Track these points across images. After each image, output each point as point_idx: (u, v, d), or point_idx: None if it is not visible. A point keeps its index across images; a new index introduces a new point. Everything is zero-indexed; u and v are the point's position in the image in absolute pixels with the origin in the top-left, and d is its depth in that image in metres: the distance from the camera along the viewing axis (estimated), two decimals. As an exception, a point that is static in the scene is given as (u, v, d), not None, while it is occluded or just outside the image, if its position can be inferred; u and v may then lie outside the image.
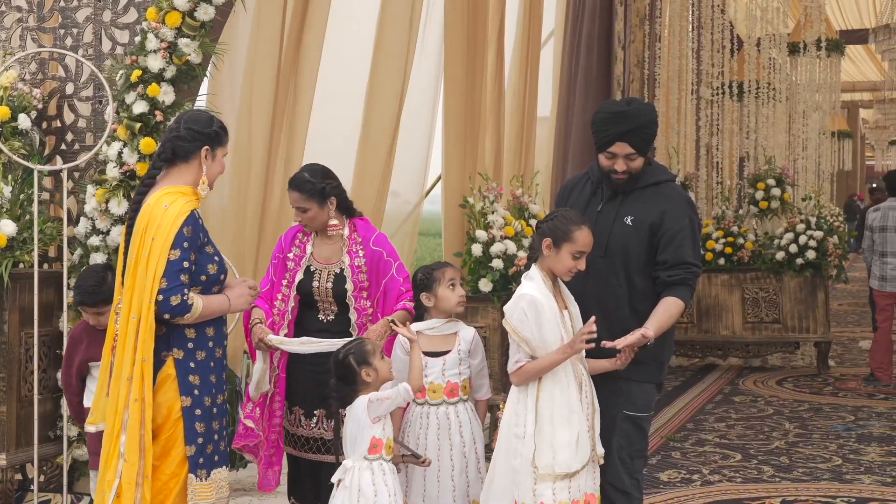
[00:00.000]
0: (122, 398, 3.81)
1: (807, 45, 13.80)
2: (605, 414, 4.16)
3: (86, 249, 5.27)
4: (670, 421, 8.26)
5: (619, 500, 4.24)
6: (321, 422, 4.59)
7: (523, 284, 4.05)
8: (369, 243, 4.65)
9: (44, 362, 5.23)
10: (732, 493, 6.08)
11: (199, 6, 5.17)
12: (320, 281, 4.61)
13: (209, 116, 4.07)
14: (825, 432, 7.79)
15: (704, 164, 12.21)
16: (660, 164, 4.54)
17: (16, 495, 5.25)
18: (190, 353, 3.90)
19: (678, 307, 4.15)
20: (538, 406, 3.96)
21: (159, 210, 3.82)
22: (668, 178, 4.33)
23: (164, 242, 3.78)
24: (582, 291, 4.17)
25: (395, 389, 4.06)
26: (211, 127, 4.00)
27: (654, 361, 4.27)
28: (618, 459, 4.22)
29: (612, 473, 4.22)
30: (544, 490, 3.89)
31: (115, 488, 3.76)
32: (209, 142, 3.97)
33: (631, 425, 4.24)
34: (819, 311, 10.66)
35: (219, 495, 3.95)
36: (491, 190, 7.52)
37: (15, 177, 5.40)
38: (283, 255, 4.69)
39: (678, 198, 4.28)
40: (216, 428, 3.95)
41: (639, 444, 4.30)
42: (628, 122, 4.17)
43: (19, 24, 5.73)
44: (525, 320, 3.95)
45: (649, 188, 4.25)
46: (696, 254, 4.22)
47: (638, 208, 4.21)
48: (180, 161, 3.96)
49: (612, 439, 4.20)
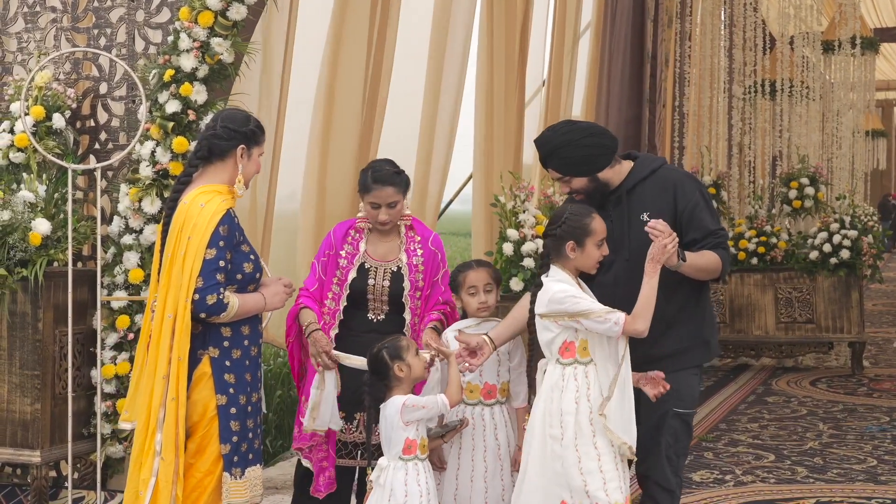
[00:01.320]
0: (157, 396, 3.82)
1: (841, 43, 13.69)
2: (653, 412, 4.10)
3: (119, 248, 5.31)
4: (703, 421, 8.21)
5: (665, 499, 4.18)
6: (361, 425, 4.49)
7: (550, 284, 3.96)
8: (428, 243, 4.55)
9: (77, 360, 5.26)
10: (766, 494, 6.03)
11: (232, 5, 5.19)
12: (376, 279, 4.48)
13: (246, 115, 4.07)
14: (860, 433, 7.72)
15: (737, 163, 12.16)
16: (647, 154, 4.55)
17: (50, 492, 5.29)
18: (226, 351, 3.90)
19: (715, 259, 4.12)
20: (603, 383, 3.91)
21: (195, 209, 3.83)
22: (660, 163, 4.29)
23: (201, 241, 3.79)
24: (612, 300, 4.06)
25: (433, 399, 4.02)
26: (247, 126, 4.00)
27: (698, 340, 4.21)
28: (665, 458, 4.16)
29: (659, 472, 4.16)
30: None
31: (151, 486, 3.77)
32: (245, 140, 3.98)
33: (679, 423, 4.17)
34: (853, 310, 10.57)
35: (253, 493, 3.95)
36: (522, 189, 7.51)
37: (49, 176, 5.44)
38: (335, 252, 4.52)
39: (680, 176, 4.26)
40: (251, 426, 3.96)
41: (684, 442, 4.23)
42: (542, 149, 4.20)
43: (54, 25, 5.78)
44: (573, 295, 3.89)
45: (648, 179, 4.20)
46: (715, 220, 4.22)
47: (648, 202, 4.15)
48: (216, 159, 3.97)
49: (660, 437, 4.14)
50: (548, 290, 3.95)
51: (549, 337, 3.96)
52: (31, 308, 5.10)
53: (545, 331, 3.97)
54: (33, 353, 5.10)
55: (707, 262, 4.10)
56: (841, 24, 13.63)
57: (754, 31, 12.14)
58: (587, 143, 4.14)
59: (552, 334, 3.95)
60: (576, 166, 4.13)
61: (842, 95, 14.55)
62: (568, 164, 4.13)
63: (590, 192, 4.17)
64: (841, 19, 13.65)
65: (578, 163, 4.13)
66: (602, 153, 4.16)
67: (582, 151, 4.12)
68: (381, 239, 4.54)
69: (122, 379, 5.24)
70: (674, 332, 4.13)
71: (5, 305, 5.10)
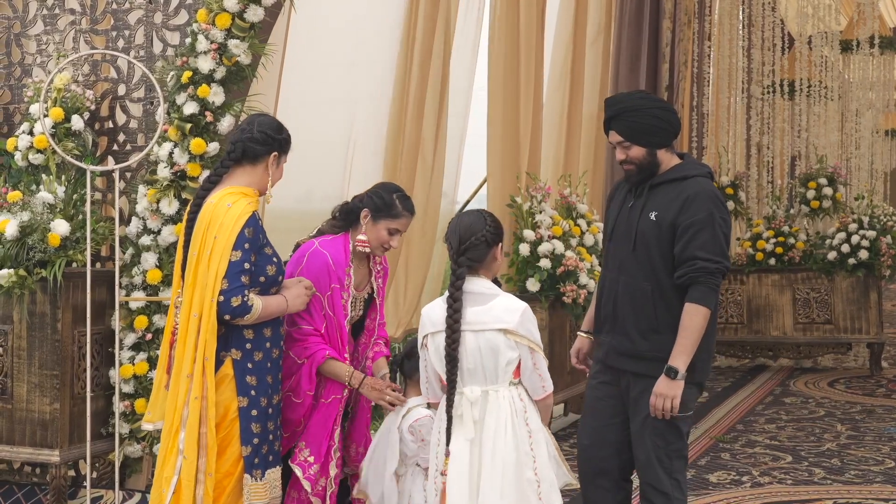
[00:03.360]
0: (181, 395, 3.85)
1: (860, 42, 13.62)
2: (640, 413, 4.12)
3: (137, 249, 5.34)
4: (720, 422, 8.20)
5: (658, 500, 4.14)
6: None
7: (511, 297, 3.86)
8: (383, 261, 4.40)
9: (96, 360, 5.30)
10: (783, 495, 6.02)
11: (249, 7, 5.21)
12: (355, 310, 4.28)
13: (280, 123, 4.11)
14: (878, 434, 7.70)
15: (755, 163, 12.11)
16: (695, 160, 4.42)
17: (69, 491, 5.32)
18: (248, 353, 3.92)
19: (692, 317, 3.98)
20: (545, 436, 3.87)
21: (222, 209, 3.86)
22: (697, 172, 4.16)
23: (227, 242, 3.81)
24: (616, 288, 4.16)
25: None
26: (282, 134, 4.06)
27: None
28: (655, 459, 4.13)
29: (651, 473, 4.14)
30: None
31: (173, 484, 3.80)
32: (279, 148, 4.03)
33: (663, 424, 4.11)
34: (871, 311, 10.54)
35: (273, 495, 3.97)
36: (539, 189, 7.51)
37: (68, 177, 5.47)
38: (340, 286, 4.17)
39: (700, 191, 4.08)
40: (271, 428, 3.98)
41: (676, 444, 4.16)
42: (610, 108, 4.19)
43: (73, 27, 5.81)
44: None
45: (676, 182, 4.13)
46: (712, 248, 3.99)
47: (662, 203, 4.11)
48: (247, 162, 3.99)
49: (646, 439, 4.13)
50: (514, 306, 3.79)
51: (511, 356, 3.78)
52: (51, 308, 5.14)
53: (508, 350, 3.77)
54: (52, 354, 5.13)
55: (689, 330, 3.99)
56: (860, 24, 13.56)
57: (772, 31, 12.10)
58: (657, 114, 4.15)
59: (514, 354, 3.78)
60: (639, 134, 4.13)
61: (860, 95, 14.48)
62: (632, 130, 4.13)
63: (642, 167, 4.16)
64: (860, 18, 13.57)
65: (642, 131, 4.13)
66: (667, 129, 4.16)
67: (650, 121, 4.13)
68: (360, 266, 4.31)
69: (140, 379, 5.27)
70: (663, 339, 4.07)
71: (25, 306, 5.13)
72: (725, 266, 4.02)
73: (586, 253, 7.63)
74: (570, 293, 7.19)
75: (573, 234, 7.56)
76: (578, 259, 7.34)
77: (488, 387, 3.75)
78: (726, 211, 4.10)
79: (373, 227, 4.22)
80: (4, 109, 5.95)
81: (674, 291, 4.06)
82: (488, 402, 3.75)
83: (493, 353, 3.73)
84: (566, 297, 7.23)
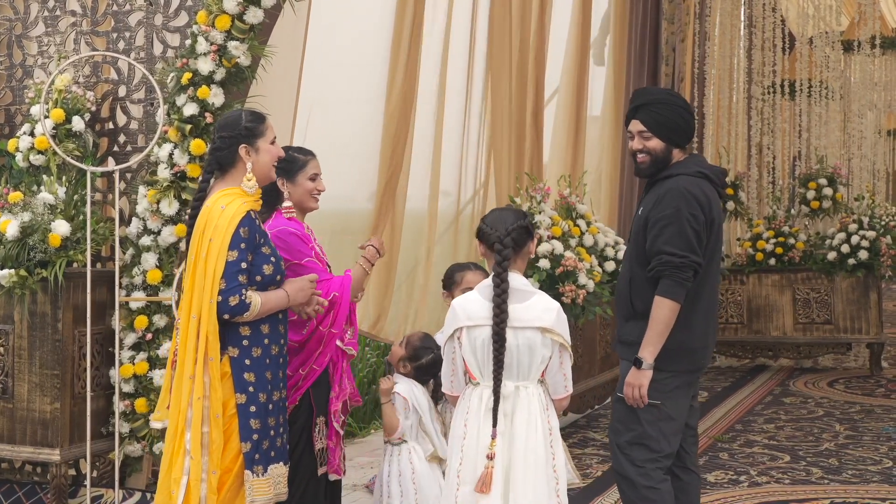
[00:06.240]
0: (185, 396, 3.87)
1: (861, 42, 13.63)
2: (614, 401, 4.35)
3: (137, 249, 5.37)
4: (719, 422, 8.22)
5: (622, 484, 4.29)
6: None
7: (545, 296, 3.88)
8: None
9: (96, 360, 5.33)
10: (780, 495, 6.04)
11: (249, 9, 5.24)
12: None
13: (237, 115, 4.06)
14: (876, 434, 7.71)
15: (756, 163, 12.12)
16: (699, 158, 4.49)
17: (69, 490, 5.35)
18: (245, 350, 3.93)
19: (658, 309, 4.10)
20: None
21: (216, 211, 3.88)
22: (683, 171, 4.25)
23: (222, 243, 3.83)
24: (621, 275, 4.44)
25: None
26: (239, 125, 4.00)
27: (671, 343, 4.19)
28: (615, 444, 4.29)
29: (615, 459, 4.33)
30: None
31: (183, 485, 3.81)
32: (244, 140, 3.98)
33: (622, 407, 4.20)
34: (871, 311, 10.55)
35: (277, 491, 3.98)
36: (538, 190, 7.52)
37: (69, 178, 5.50)
38: (320, 249, 4.48)
39: (673, 188, 4.18)
40: (272, 424, 3.98)
41: (636, 430, 4.20)
42: (638, 98, 4.36)
43: (73, 28, 5.84)
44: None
45: (662, 180, 4.28)
46: (677, 243, 4.09)
47: (648, 200, 4.31)
48: (228, 167, 4.01)
49: (612, 423, 4.33)
50: (551, 305, 3.83)
51: (545, 354, 3.81)
52: (51, 308, 5.17)
53: (543, 348, 3.80)
54: (53, 353, 5.16)
55: (657, 322, 4.10)
56: (861, 24, 13.55)
57: (773, 31, 12.10)
58: (681, 113, 4.31)
59: (547, 352, 3.81)
60: (661, 126, 4.27)
61: (862, 95, 14.47)
62: (656, 121, 4.27)
63: (656, 160, 4.30)
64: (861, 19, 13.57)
65: (666, 125, 4.27)
66: (687, 129, 4.32)
67: (675, 118, 4.28)
68: None
69: (140, 378, 5.30)
70: (640, 326, 4.18)
71: (25, 306, 5.17)
72: (693, 260, 4.11)
73: (586, 253, 7.64)
74: (569, 293, 7.19)
75: (573, 234, 7.57)
76: (578, 259, 7.35)
77: (519, 382, 3.80)
78: (698, 207, 4.15)
79: (294, 187, 4.39)
80: (6, 110, 5.99)
81: (647, 283, 4.21)
82: (519, 398, 3.79)
83: (529, 350, 3.78)
84: (565, 298, 7.24)
